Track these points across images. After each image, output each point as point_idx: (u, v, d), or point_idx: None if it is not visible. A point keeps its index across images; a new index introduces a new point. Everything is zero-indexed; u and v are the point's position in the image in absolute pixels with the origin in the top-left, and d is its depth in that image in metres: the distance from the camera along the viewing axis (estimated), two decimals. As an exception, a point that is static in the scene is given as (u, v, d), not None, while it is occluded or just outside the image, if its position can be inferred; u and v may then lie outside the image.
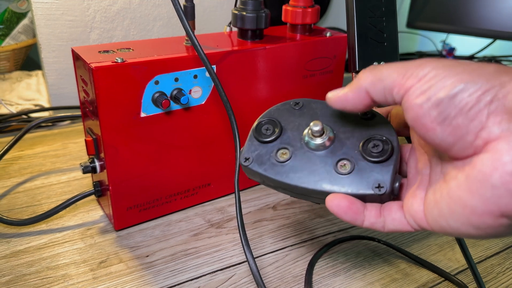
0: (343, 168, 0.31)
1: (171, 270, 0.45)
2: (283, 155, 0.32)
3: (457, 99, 0.23)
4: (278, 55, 0.53)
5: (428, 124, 0.24)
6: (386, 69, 0.27)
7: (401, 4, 1.17)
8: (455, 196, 0.24)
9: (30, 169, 0.62)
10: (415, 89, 0.25)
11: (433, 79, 0.24)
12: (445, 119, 0.24)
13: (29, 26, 0.92)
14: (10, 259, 0.45)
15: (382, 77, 0.27)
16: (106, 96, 0.42)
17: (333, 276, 0.45)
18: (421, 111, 0.24)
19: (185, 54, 0.46)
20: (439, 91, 0.24)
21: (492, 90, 0.23)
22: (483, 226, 0.23)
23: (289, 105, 0.35)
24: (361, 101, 0.28)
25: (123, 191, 0.48)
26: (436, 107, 0.24)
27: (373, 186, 0.30)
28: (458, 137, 0.24)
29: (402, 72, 0.26)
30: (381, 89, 0.27)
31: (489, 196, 0.22)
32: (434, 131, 0.24)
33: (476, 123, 0.23)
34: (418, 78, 0.25)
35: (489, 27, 0.90)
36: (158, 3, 0.85)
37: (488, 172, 0.22)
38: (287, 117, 0.34)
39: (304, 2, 0.55)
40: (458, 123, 0.23)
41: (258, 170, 0.32)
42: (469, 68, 0.24)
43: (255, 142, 0.34)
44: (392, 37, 0.44)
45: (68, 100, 0.82)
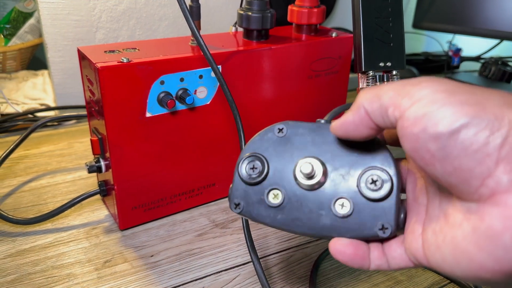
0: (342, 208, 0.28)
1: (176, 270, 0.45)
2: (276, 196, 0.30)
3: (460, 136, 0.20)
4: (283, 55, 0.52)
5: (427, 158, 0.22)
6: (385, 86, 0.24)
7: (407, 5, 1.17)
8: (461, 247, 0.22)
9: (35, 168, 0.63)
10: (409, 114, 0.22)
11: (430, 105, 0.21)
12: (446, 156, 0.21)
13: (36, 26, 0.92)
14: (16, 258, 0.46)
15: (380, 94, 0.24)
16: (112, 95, 0.43)
17: (338, 277, 0.45)
18: (418, 143, 0.22)
19: (190, 54, 0.46)
20: (438, 122, 0.21)
21: (501, 131, 0.20)
22: (492, 281, 0.21)
23: (272, 133, 0.31)
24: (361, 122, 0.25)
25: (128, 191, 0.48)
26: (434, 140, 0.21)
27: (377, 228, 0.28)
28: (462, 179, 0.21)
29: (398, 89, 0.23)
30: (377, 108, 0.24)
31: (501, 256, 0.20)
32: (433, 167, 0.22)
33: (483, 168, 0.20)
34: (413, 100, 0.22)
35: (496, 28, 0.90)
36: (164, 3, 0.85)
37: (499, 230, 0.20)
38: (272, 150, 0.31)
39: (310, 2, 0.55)
40: (461, 164, 0.21)
41: (252, 216, 0.30)
42: (473, 99, 0.21)
43: (242, 184, 0.31)
44: (398, 37, 0.44)
45: (74, 99, 0.83)
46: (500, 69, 0.98)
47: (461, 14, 0.94)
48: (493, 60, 1.02)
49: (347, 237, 0.28)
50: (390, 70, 0.44)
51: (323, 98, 0.59)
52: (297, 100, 0.57)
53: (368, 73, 0.44)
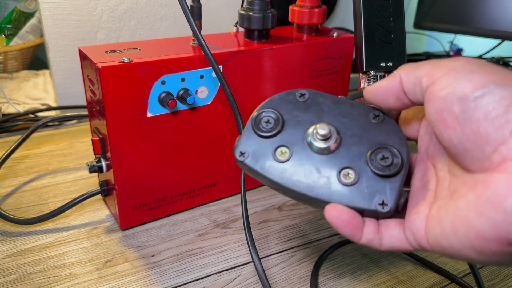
0: (346, 177, 0.28)
1: (177, 270, 0.45)
2: (283, 154, 0.30)
3: (484, 100, 0.21)
4: (284, 56, 0.52)
5: (449, 120, 0.23)
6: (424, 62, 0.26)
7: (408, 5, 1.17)
8: (462, 215, 0.23)
9: (37, 168, 0.63)
10: (441, 81, 0.23)
11: (461, 72, 0.23)
12: (467, 119, 0.22)
13: (37, 26, 0.92)
14: (17, 257, 0.46)
15: (418, 66, 0.26)
16: (113, 95, 0.43)
17: (339, 277, 0.45)
18: (444, 105, 0.23)
19: (191, 54, 0.46)
20: (466, 86, 0.22)
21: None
22: (487, 252, 0.22)
23: (294, 96, 0.32)
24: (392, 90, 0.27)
25: (129, 191, 0.48)
26: (459, 102, 0.22)
27: (377, 203, 0.27)
28: (477, 144, 0.22)
29: (435, 63, 0.25)
30: (413, 78, 0.26)
31: (500, 221, 0.21)
32: (453, 130, 0.23)
33: (499, 134, 0.21)
34: (447, 68, 0.24)
35: (497, 28, 0.90)
36: (165, 3, 0.85)
37: (502, 194, 0.21)
38: (290, 110, 0.31)
39: (311, 2, 0.55)
40: (479, 127, 0.22)
41: (254, 167, 0.29)
42: (502, 72, 0.22)
43: (253, 135, 0.30)
44: (399, 37, 0.44)
45: (75, 99, 0.83)
46: (502, 69, 0.98)
47: (462, 14, 0.94)
48: (494, 60, 1.02)
49: (346, 205, 0.28)
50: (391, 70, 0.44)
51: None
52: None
53: (369, 73, 0.44)
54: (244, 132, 0.31)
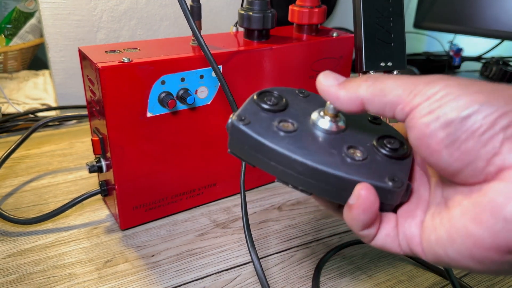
0: (354, 154, 0.26)
1: (177, 270, 0.45)
2: (286, 126, 0.27)
3: (470, 121, 0.21)
4: (284, 55, 0.52)
5: (434, 145, 0.22)
6: (391, 82, 0.24)
7: (408, 4, 1.17)
8: (458, 224, 0.22)
9: (37, 168, 0.63)
10: (422, 108, 0.22)
11: (444, 98, 0.22)
12: (453, 142, 0.21)
13: (37, 26, 0.92)
14: (17, 257, 0.46)
15: (386, 91, 0.24)
16: (113, 95, 0.43)
17: (339, 277, 0.45)
18: (427, 131, 0.22)
19: (191, 54, 0.46)
20: (451, 111, 0.21)
21: (509, 114, 0.20)
22: (487, 261, 0.21)
23: (294, 91, 0.31)
24: (351, 107, 0.25)
25: (129, 191, 0.48)
26: (444, 128, 0.22)
27: (388, 179, 0.25)
28: (467, 162, 0.22)
29: (409, 88, 0.23)
30: (381, 103, 0.24)
31: (499, 229, 0.20)
32: (439, 154, 0.22)
33: (488, 148, 0.21)
34: (426, 96, 0.22)
35: (497, 28, 0.90)
36: (165, 3, 0.85)
37: (501, 202, 0.20)
38: (292, 98, 0.30)
39: (311, 2, 0.55)
40: (467, 147, 0.21)
41: (253, 135, 0.26)
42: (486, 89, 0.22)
43: (255, 106, 0.28)
44: (399, 37, 0.44)
45: (75, 99, 0.83)
46: (501, 69, 0.98)
47: (462, 14, 0.94)
48: (494, 60, 1.02)
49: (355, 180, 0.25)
50: (391, 70, 0.44)
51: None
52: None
53: (369, 73, 0.44)
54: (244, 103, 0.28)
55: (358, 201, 0.25)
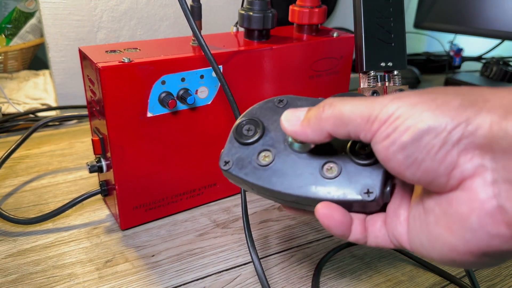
0: (329, 171, 0.28)
1: (177, 270, 0.45)
2: (265, 157, 0.30)
3: (423, 142, 0.22)
4: (284, 55, 0.52)
5: (396, 167, 0.24)
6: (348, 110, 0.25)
7: (409, 4, 1.17)
8: (434, 231, 0.24)
9: (37, 168, 0.63)
10: (380, 132, 0.24)
11: (397, 120, 0.23)
12: (412, 163, 0.23)
13: (37, 26, 0.92)
14: (17, 257, 0.46)
15: (345, 120, 0.25)
16: (113, 95, 0.43)
17: (339, 277, 0.45)
18: (388, 155, 0.23)
19: (191, 54, 0.46)
20: (403, 134, 0.23)
21: (458, 129, 0.21)
22: (466, 262, 0.23)
23: (273, 103, 0.33)
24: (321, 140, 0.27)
25: (129, 191, 0.48)
26: (401, 151, 0.23)
27: (362, 192, 0.27)
28: (430, 179, 0.23)
29: (366, 116, 0.24)
30: (345, 132, 0.25)
31: (469, 238, 0.22)
32: (403, 174, 0.24)
33: (446, 164, 0.22)
34: (382, 121, 0.24)
35: (497, 28, 0.90)
36: (165, 3, 0.85)
37: (465, 213, 0.22)
38: (270, 116, 0.32)
39: (311, 2, 0.55)
40: (426, 166, 0.22)
41: (238, 175, 0.30)
42: (434, 105, 0.22)
43: (235, 144, 0.31)
44: (399, 37, 0.44)
45: (75, 99, 0.83)
46: (502, 69, 0.98)
47: (462, 14, 0.94)
48: (494, 60, 1.02)
49: (332, 200, 0.28)
50: (391, 70, 0.44)
51: (324, 98, 0.59)
52: (298, 100, 0.56)
53: (369, 73, 0.44)
54: (227, 142, 0.31)
55: (322, 221, 0.27)
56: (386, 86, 0.46)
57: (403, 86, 0.45)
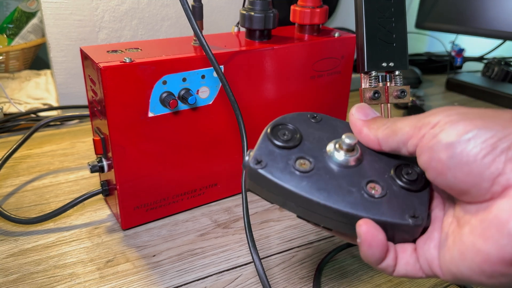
0: (373, 191, 0.27)
1: (178, 270, 0.45)
2: (303, 165, 0.27)
3: (470, 144, 0.22)
4: (286, 56, 0.52)
5: (439, 167, 0.24)
6: (400, 122, 0.27)
7: (410, 5, 1.17)
8: (468, 241, 0.23)
9: (38, 167, 0.63)
10: (427, 135, 0.24)
11: (446, 125, 0.24)
12: (456, 164, 0.23)
13: (38, 26, 0.92)
14: (18, 257, 0.46)
15: (396, 131, 0.26)
16: (114, 95, 0.43)
17: (340, 278, 0.45)
18: (432, 154, 0.24)
19: (193, 54, 0.46)
20: (450, 135, 0.23)
21: (509, 137, 0.22)
22: (496, 275, 0.22)
23: (306, 117, 0.31)
24: (370, 144, 0.29)
25: (131, 191, 0.48)
26: (446, 150, 0.23)
27: (408, 215, 0.26)
28: (472, 184, 0.23)
29: (414, 123, 0.26)
30: (395, 142, 0.27)
31: (505, 244, 0.21)
32: (445, 176, 0.24)
33: (492, 169, 0.22)
34: (431, 125, 0.25)
35: (499, 28, 0.90)
36: (166, 3, 0.85)
37: (505, 218, 0.22)
38: (305, 127, 0.29)
39: (313, 2, 0.55)
40: (471, 169, 0.22)
41: (270, 177, 0.26)
42: (485, 115, 0.23)
43: (269, 145, 0.28)
44: (401, 37, 0.44)
45: (76, 99, 0.83)
46: (503, 69, 0.98)
47: (464, 14, 0.94)
48: (496, 61, 1.02)
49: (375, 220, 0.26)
50: (392, 70, 0.44)
51: (325, 98, 0.59)
52: (300, 100, 0.56)
53: (370, 73, 0.44)
54: (259, 142, 0.28)
55: (362, 238, 0.26)
56: (388, 86, 0.46)
57: (404, 86, 0.45)
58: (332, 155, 0.28)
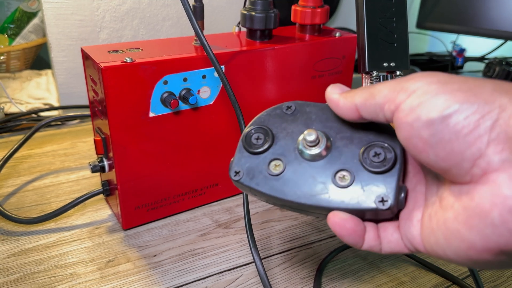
0: (342, 180, 0.28)
1: (179, 270, 0.45)
2: (277, 167, 0.29)
3: (452, 121, 0.21)
4: (287, 56, 0.52)
5: (420, 145, 0.23)
6: (379, 85, 0.25)
7: (411, 5, 1.17)
8: (452, 228, 0.23)
9: (39, 167, 0.63)
10: (405, 105, 0.23)
11: (424, 95, 0.22)
12: (438, 142, 0.22)
13: (40, 26, 0.92)
14: (19, 257, 0.46)
15: (374, 93, 0.25)
16: (115, 95, 0.43)
17: (341, 278, 0.45)
18: (412, 131, 0.23)
19: (194, 54, 0.46)
20: (431, 110, 0.22)
21: (491, 114, 0.21)
22: (482, 261, 0.22)
23: (281, 110, 0.32)
24: (349, 114, 0.27)
25: (131, 191, 0.48)
26: (427, 127, 0.22)
27: (376, 200, 0.27)
28: (453, 162, 0.22)
29: (393, 86, 0.24)
30: (372, 105, 0.25)
31: (489, 234, 0.21)
32: (426, 154, 0.23)
33: (473, 149, 0.21)
34: (408, 92, 0.23)
35: (500, 28, 0.89)
36: (167, 3, 0.85)
37: (487, 208, 0.21)
38: (279, 124, 0.31)
39: (314, 2, 0.55)
40: (452, 147, 0.21)
41: (250, 185, 0.29)
42: (465, 87, 0.22)
43: (245, 153, 0.31)
44: (402, 37, 0.44)
45: (77, 99, 0.83)
46: (505, 70, 0.98)
47: (465, 14, 0.94)
48: (497, 61, 1.02)
49: (346, 209, 0.27)
50: (394, 70, 0.44)
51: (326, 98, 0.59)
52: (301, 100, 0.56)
53: (372, 73, 0.44)
54: (236, 152, 0.31)
55: (334, 229, 0.27)
56: (389, 86, 0.45)
57: (405, 86, 0.45)
58: (302, 151, 0.30)
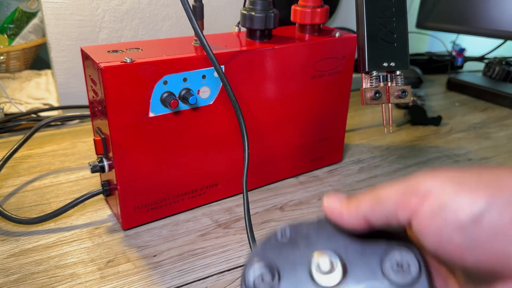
0: None
1: (179, 270, 0.45)
2: None
3: (485, 221, 0.19)
4: (286, 56, 0.52)
5: (454, 250, 0.20)
6: (383, 189, 0.23)
7: (411, 4, 1.16)
8: None
9: (39, 167, 0.63)
10: (424, 211, 0.21)
11: (442, 196, 0.20)
12: (475, 245, 0.20)
13: (39, 26, 0.92)
14: (19, 257, 0.46)
15: (381, 200, 0.23)
16: (115, 95, 0.43)
17: (341, 278, 0.45)
18: (442, 237, 0.20)
19: (193, 54, 0.46)
20: (458, 212, 0.20)
21: None
22: None
23: (275, 239, 0.28)
24: (357, 226, 0.24)
25: (131, 191, 0.48)
26: (459, 232, 0.20)
27: None
28: (498, 263, 0.20)
29: (400, 191, 0.22)
30: (383, 213, 0.23)
31: None
32: (464, 258, 0.20)
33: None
34: (420, 195, 0.21)
35: (500, 28, 0.89)
36: (167, 3, 0.85)
37: None
38: (278, 255, 0.27)
39: (313, 2, 0.55)
40: (493, 247, 0.19)
41: None
42: (484, 181, 0.20)
43: None
44: (402, 37, 0.44)
45: (77, 99, 0.83)
46: (504, 69, 0.98)
47: (464, 14, 0.94)
48: (497, 60, 1.02)
49: None
50: (393, 70, 0.44)
51: (326, 98, 0.59)
52: (301, 100, 0.56)
53: (371, 73, 0.44)
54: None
55: None
56: (389, 86, 0.45)
57: (405, 86, 0.45)
58: (317, 282, 0.26)
